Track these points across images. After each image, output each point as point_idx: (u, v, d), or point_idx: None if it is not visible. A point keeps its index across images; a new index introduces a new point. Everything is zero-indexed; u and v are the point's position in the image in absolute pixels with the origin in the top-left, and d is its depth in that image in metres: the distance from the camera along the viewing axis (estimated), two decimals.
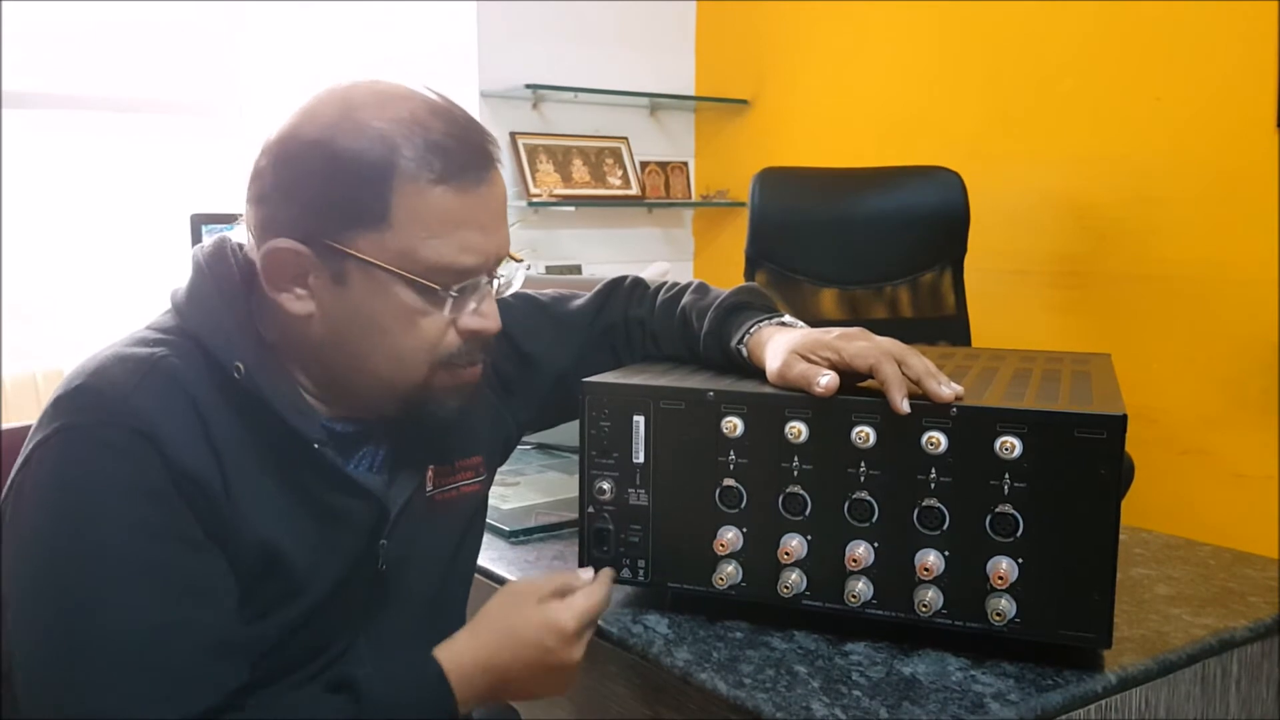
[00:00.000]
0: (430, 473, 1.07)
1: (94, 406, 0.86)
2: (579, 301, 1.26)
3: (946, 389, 0.98)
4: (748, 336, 1.13)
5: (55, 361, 2.91)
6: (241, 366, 0.91)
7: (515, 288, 1.05)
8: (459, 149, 0.93)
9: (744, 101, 3.79)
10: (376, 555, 1.01)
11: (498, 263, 0.98)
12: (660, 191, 3.86)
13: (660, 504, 1.09)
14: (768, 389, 1.06)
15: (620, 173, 3.75)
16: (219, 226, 1.82)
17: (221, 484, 0.89)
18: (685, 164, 3.96)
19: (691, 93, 3.93)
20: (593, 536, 1.12)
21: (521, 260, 1.05)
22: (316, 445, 0.94)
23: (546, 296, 1.26)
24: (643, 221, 3.92)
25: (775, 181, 2.66)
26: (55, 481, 0.85)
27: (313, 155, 0.91)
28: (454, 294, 0.94)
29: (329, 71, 3.35)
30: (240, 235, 0.99)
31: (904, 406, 0.97)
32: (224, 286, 0.96)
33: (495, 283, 0.99)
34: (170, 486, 0.86)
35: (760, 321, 1.14)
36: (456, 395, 0.99)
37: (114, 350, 0.91)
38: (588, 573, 1.07)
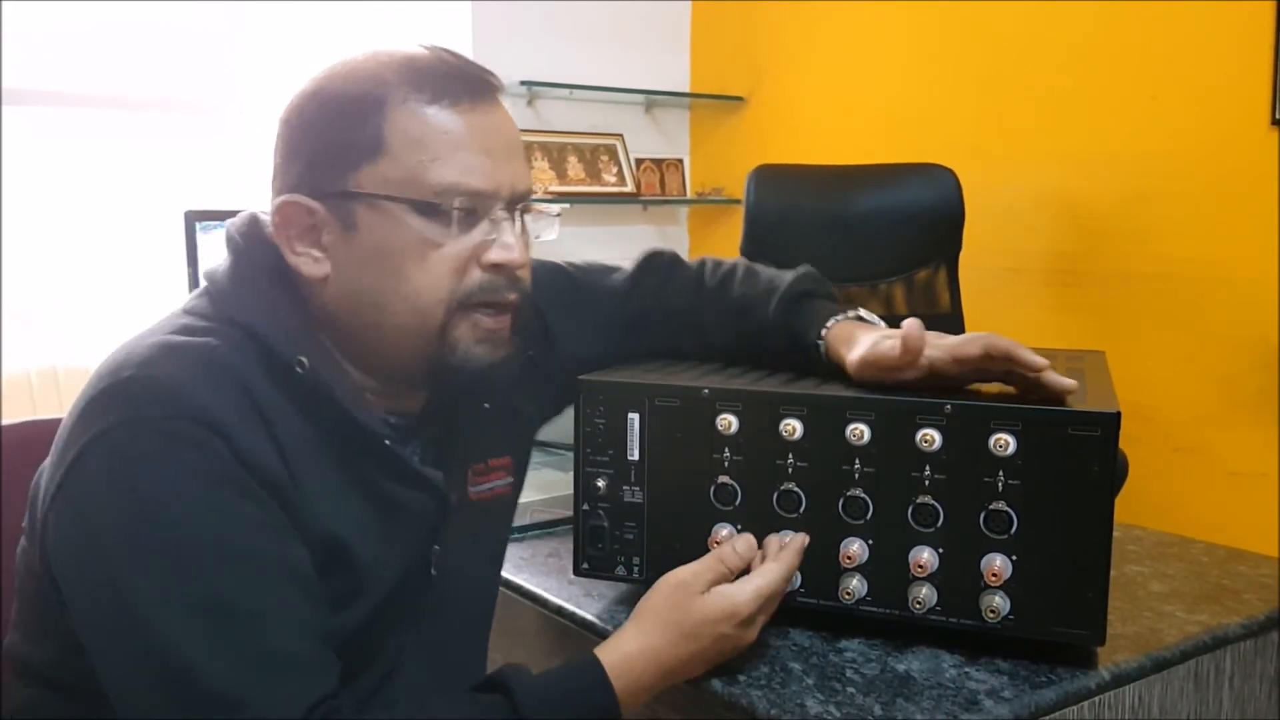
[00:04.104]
0: (469, 473, 1.06)
1: (155, 399, 0.82)
2: (611, 281, 1.21)
3: (1068, 380, 0.96)
4: (825, 331, 1.10)
5: (49, 359, 2.90)
6: (305, 361, 0.88)
7: (550, 236, 1.01)
8: (451, 74, 0.92)
9: (739, 99, 3.79)
10: (429, 561, 0.99)
11: (515, 196, 0.94)
12: (655, 189, 3.86)
13: (655, 501, 1.09)
14: (761, 386, 1.06)
15: (615, 170, 3.75)
16: (213, 223, 1.81)
17: (288, 477, 0.86)
18: (680, 161, 3.96)
19: (687, 90, 3.93)
20: (588, 534, 1.12)
21: (556, 213, 1.01)
22: (387, 441, 0.92)
23: (577, 269, 1.20)
24: (638, 219, 3.92)
25: (770, 179, 2.66)
26: (131, 476, 0.81)
27: (307, 107, 0.92)
28: (458, 208, 0.89)
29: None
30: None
31: (1041, 361, 0.95)
32: (267, 270, 0.93)
33: (517, 218, 0.94)
34: (248, 477, 0.83)
35: (838, 317, 1.11)
36: (484, 347, 0.93)
37: (159, 340, 0.87)
38: (743, 542, 1.00)
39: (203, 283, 0.95)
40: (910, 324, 0.98)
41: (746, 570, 0.99)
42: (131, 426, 0.82)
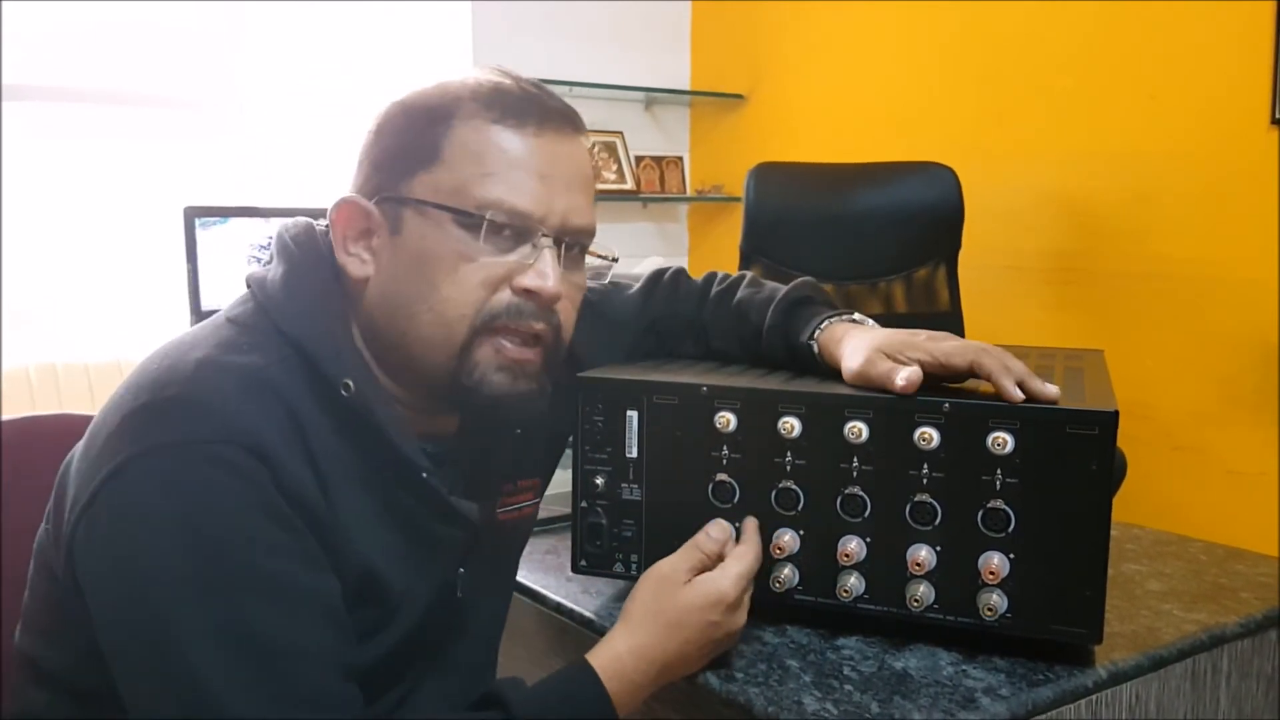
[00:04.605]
0: (498, 494, 1.06)
1: (200, 421, 0.81)
2: (626, 300, 1.22)
3: (1051, 387, 0.96)
4: (818, 332, 1.10)
5: (49, 355, 2.90)
6: (351, 384, 0.87)
7: (600, 280, 1.00)
8: (525, 99, 0.91)
9: (739, 96, 3.79)
10: (454, 584, 0.99)
11: (567, 229, 0.93)
12: (655, 186, 3.86)
13: (653, 499, 1.10)
14: (760, 384, 1.06)
15: (615, 167, 3.75)
16: (213, 220, 1.82)
17: (325, 504, 0.85)
18: (680, 159, 3.96)
19: (687, 87, 3.93)
20: (586, 531, 1.13)
21: (614, 258, 1.01)
22: (425, 475, 0.91)
23: (595, 294, 1.20)
24: (638, 216, 3.92)
25: (770, 177, 2.65)
26: (173, 499, 0.80)
27: (387, 115, 0.93)
28: (493, 220, 0.88)
29: (327, 68, 3.35)
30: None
31: (1017, 394, 0.95)
32: (321, 280, 0.92)
33: (562, 251, 0.92)
34: (286, 506, 0.82)
35: (830, 318, 1.11)
36: (503, 375, 0.91)
37: (204, 355, 0.85)
38: (717, 528, 1.02)
39: (247, 286, 0.94)
40: (911, 377, 0.97)
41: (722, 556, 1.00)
42: (176, 449, 0.81)
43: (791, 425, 1.02)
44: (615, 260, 1.02)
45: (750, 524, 1.04)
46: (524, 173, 0.90)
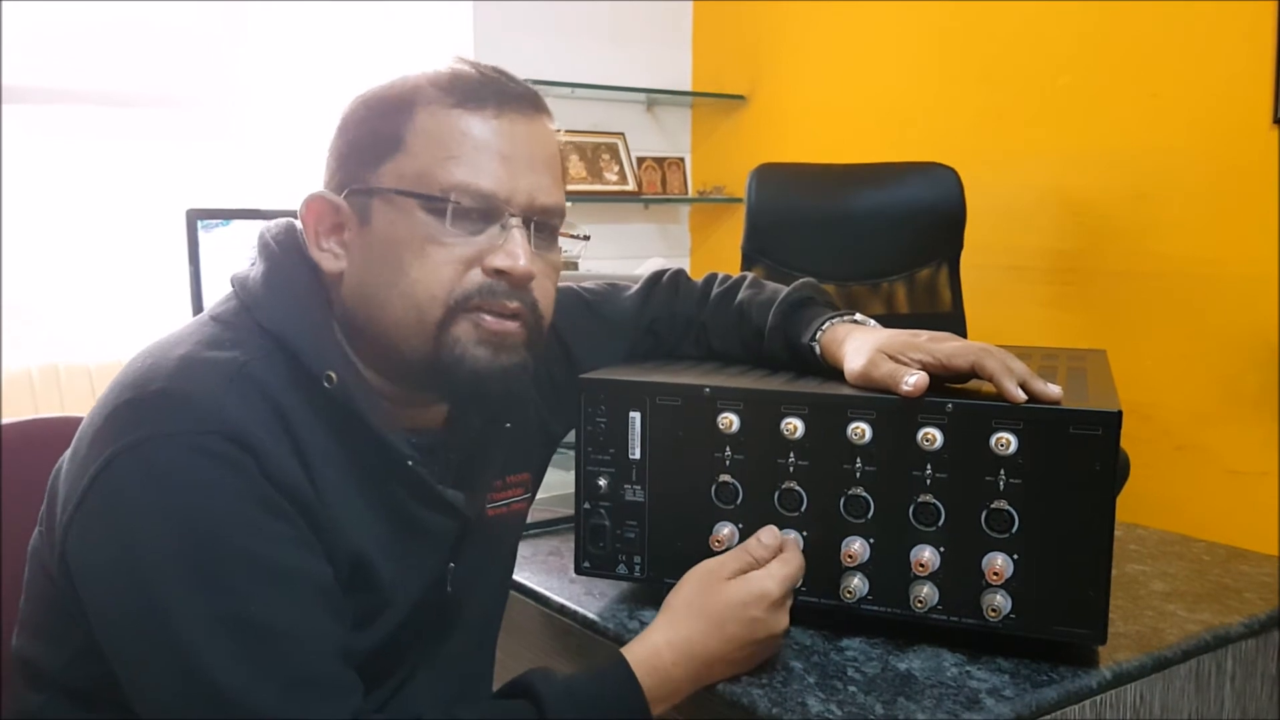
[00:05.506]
0: (487, 490, 1.06)
1: (185, 414, 0.82)
2: (624, 301, 1.22)
3: (1053, 388, 0.96)
4: (820, 333, 1.10)
5: (51, 357, 2.91)
6: (334, 376, 0.87)
7: (576, 259, 1.01)
8: (486, 84, 0.92)
9: (740, 97, 3.79)
10: (445, 578, 0.99)
11: (534, 208, 0.92)
12: (657, 187, 3.86)
13: (656, 500, 1.09)
14: (762, 385, 1.06)
15: (617, 168, 3.74)
16: (215, 222, 1.81)
17: (315, 495, 0.86)
18: (682, 160, 3.96)
19: (688, 88, 3.93)
20: (589, 532, 1.13)
21: (585, 236, 1.00)
22: (410, 463, 0.91)
23: (592, 295, 1.21)
24: (639, 217, 3.92)
25: (771, 177, 2.65)
26: (164, 491, 0.80)
27: (351, 110, 0.94)
28: (456, 202, 0.88)
29: (327, 68, 3.35)
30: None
31: (1020, 395, 0.95)
32: (302, 278, 0.93)
33: (531, 230, 0.92)
34: (277, 495, 0.83)
35: (832, 318, 1.11)
36: (485, 349, 0.91)
37: (187, 351, 0.86)
38: (768, 534, 1.01)
39: (230, 287, 0.95)
40: (919, 383, 0.97)
41: None
42: (162, 441, 0.81)
43: (794, 426, 1.02)
44: (587, 239, 1.01)
45: (791, 540, 1.03)
46: (486, 155, 0.90)
